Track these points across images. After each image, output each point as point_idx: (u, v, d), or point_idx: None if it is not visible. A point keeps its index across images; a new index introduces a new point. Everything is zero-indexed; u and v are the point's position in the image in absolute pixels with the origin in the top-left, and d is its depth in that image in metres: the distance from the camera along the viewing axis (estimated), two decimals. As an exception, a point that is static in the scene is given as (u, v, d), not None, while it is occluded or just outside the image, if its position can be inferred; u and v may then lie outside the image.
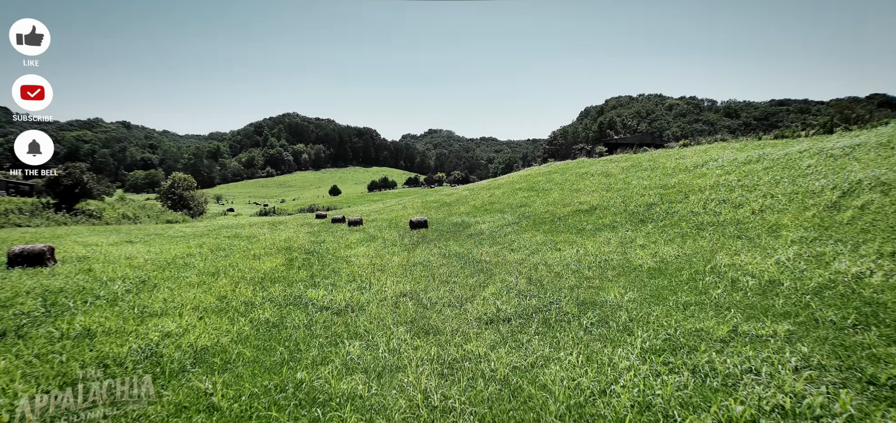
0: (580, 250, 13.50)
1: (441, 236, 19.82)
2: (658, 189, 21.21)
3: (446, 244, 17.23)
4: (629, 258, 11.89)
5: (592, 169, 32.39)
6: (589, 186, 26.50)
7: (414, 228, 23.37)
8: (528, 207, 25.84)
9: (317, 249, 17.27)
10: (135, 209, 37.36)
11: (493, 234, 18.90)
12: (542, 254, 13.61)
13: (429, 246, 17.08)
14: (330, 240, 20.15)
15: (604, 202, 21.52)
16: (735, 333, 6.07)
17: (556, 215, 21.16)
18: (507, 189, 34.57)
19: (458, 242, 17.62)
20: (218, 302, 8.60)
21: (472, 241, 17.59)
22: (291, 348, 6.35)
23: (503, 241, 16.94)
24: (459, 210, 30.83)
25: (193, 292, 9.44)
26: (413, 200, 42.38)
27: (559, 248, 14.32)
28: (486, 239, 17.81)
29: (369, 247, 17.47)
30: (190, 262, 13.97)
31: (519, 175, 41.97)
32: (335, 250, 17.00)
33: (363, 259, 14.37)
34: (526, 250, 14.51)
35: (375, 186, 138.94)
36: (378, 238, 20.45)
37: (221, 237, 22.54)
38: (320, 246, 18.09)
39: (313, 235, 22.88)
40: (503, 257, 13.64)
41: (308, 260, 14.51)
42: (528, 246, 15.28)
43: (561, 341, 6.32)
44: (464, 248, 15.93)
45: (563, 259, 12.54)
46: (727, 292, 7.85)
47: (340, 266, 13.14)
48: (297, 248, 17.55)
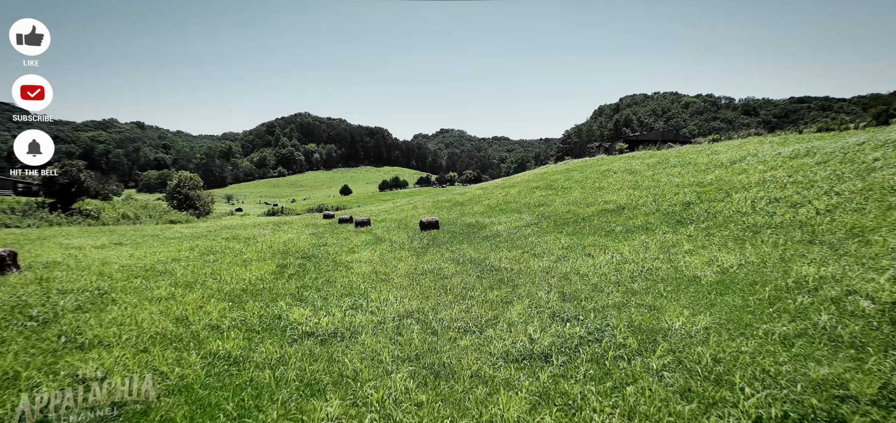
0: (615, 256, 11.55)
1: (454, 238, 17.99)
2: (693, 187, 19.10)
3: (459, 248, 15.39)
4: (678, 267, 9.91)
5: (615, 166, 30.26)
6: (613, 184, 24.43)
7: (424, 229, 21.59)
8: (547, 206, 23.87)
9: (316, 253, 15.56)
10: (137, 209, 36.21)
11: (512, 236, 17.02)
12: (571, 261, 11.68)
13: (440, 250, 15.26)
14: (332, 242, 18.45)
15: (632, 201, 19.49)
16: (889, 390, 4.10)
17: (579, 216, 19.19)
18: (523, 188, 32.58)
19: (473, 245, 15.76)
20: (174, 326, 6.86)
21: (489, 244, 15.72)
22: (246, 404, 4.55)
23: (524, 244, 15.04)
24: (473, 210, 28.96)
25: (151, 310, 7.73)
26: (424, 200, 40.61)
27: (590, 253, 12.39)
28: (503, 242, 15.93)
29: (374, 251, 15.71)
30: (170, 268, 12.36)
31: (535, 173, 39.92)
32: (336, 254, 15.27)
33: (365, 266, 12.59)
34: (551, 256, 12.60)
35: (387, 186, 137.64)
36: (385, 240, 18.71)
37: (218, 239, 21.03)
38: (320, 250, 16.38)
39: (316, 236, 21.24)
40: (526, 264, 11.75)
41: (303, 267, 12.79)
42: (552, 251, 13.36)
43: (632, 402, 4.40)
44: (479, 252, 14.07)
45: (598, 267, 10.61)
46: (838, 319, 5.86)
47: (338, 275, 11.38)
48: (295, 252, 15.87)
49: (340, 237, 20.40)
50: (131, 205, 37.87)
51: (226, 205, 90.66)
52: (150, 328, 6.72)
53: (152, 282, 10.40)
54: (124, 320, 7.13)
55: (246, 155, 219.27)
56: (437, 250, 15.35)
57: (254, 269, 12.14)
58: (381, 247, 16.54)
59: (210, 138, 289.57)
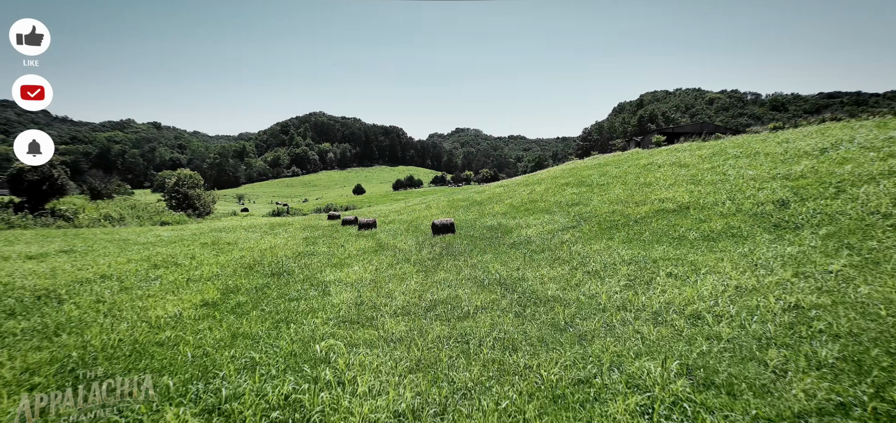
0: (724, 281, 7.71)
1: (473, 244, 14.33)
2: (780, 181, 15.02)
3: (481, 258, 11.71)
4: (872, 310, 6.01)
5: (657, 159, 26.14)
6: (664, 180, 20.42)
7: (437, 232, 17.97)
8: (584, 205, 20.02)
9: (293, 267, 12.07)
10: (124, 209, 33.42)
11: (547, 243, 13.27)
12: (653, 286, 7.92)
13: (455, 262, 11.61)
14: (323, 251, 14.97)
15: (696, 199, 15.52)
16: None
17: (629, 217, 15.34)
18: (550, 185, 28.70)
19: (499, 255, 12.07)
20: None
21: (520, 254, 12.00)
22: None
23: (567, 255, 11.28)
24: (493, 210, 25.22)
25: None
26: (438, 199, 36.97)
27: (673, 273, 8.60)
28: (539, 251, 12.19)
29: (370, 263, 12.13)
30: (75, 292, 9.00)
31: (561, 169, 35.91)
32: (318, 269, 11.74)
33: (349, 293, 9.01)
34: (615, 275, 8.85)
35: (401, 185, 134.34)
36: (388, 248, 15.14)
37: (191, 245, 17.81)
38: (302, 262, 12.89)
39: (308, 242, 17.81)
40: (585, 290, 8.03)
41: (262, 292, 9.29)
42: (613, 266, 9.60)
43: None
44: (509, 267, 10.39)
45: (707, 302, 6.82)
46: None
47: (301, 311, 7.83)
48: (268, 265, 12.42)
49: (335, 243, 16.92)
50: (118, 205, 35.10)
51: (233, 205, 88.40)
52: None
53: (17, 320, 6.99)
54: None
55: (260, 155, 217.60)
56: (453, 261, 11.70)
57: (187, 297, 8.64)
58: (381, 258, 12.95)
59: (226, 139, 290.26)
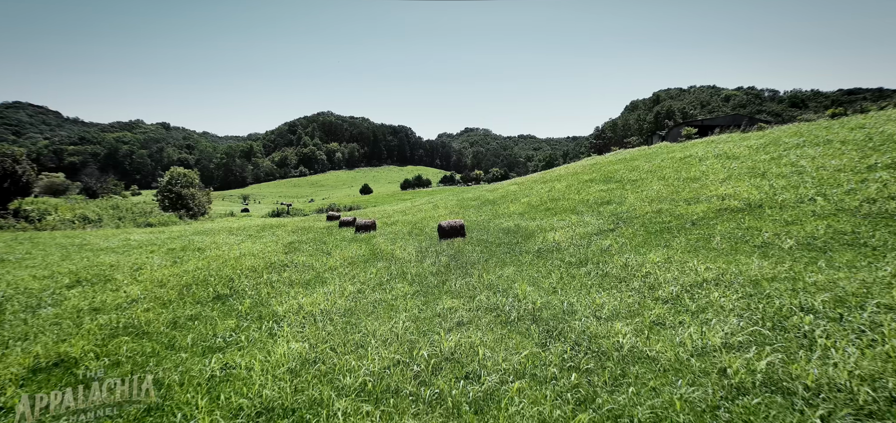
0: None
1: (488, 252, 11.38)
2: (880, 171, 11.85)
3: (501, 273, 8.75)
4: None
5: (696, 152, 22.92)
6: (713, 174, 17.28)
7: (444, 236, 15.06)
8: (617, 204, 16.94)
9: (247, 287, 9.21)
10: (105, 210, 30.98)
11: (582, 250, 10.27)
12: (812, 341, 4.89)
13: (467, 277, 8.66)
14: (302, 260, 12.15)
15: (770, 195, 12.43)
16: None
17: (682, 217, 12.31)
18: (572, 182, 25.60)
19: (524, 267, 9.11)
20: None
21: (552, 267, 9.03)
22: None
23: (620, 270, 8.31)
24: (509, 209, 22.21)
25: None
26: (446, 198, 34.00)
27: (812, 308, 5.56)
28: (576, 263, 9.22)
29: (355, 279, 9.24)
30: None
31: (581, 165, 32.74)
32: (280, 289, 8.89)
33: (299, 344, 6.12)
34: (712, 308, 5.86)
35: (409, 185, 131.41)
36: (383, 256, 12.26)
37: (156, 252, 15.13)
38: (268, 275, 10.06)
39: (290, 249, 14.99)
40: (681, 339, 5.06)
41: (180, 329, 6.46)
42: (697, 289, 6.61)
43: None
44: (542, 288, 7.45)
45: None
46: None
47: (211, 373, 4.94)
48: (219, 282, 9.58)
49: (321, 251, 14.05)
50: (99, 205, 32.66)
51: (237, 205, 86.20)
52: None
53: None
54: None
55: (267, 155, 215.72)
56: (463, 278, 8.74)
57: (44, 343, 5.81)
58: (370, 272, 10.03)
59: (235, 139, 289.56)
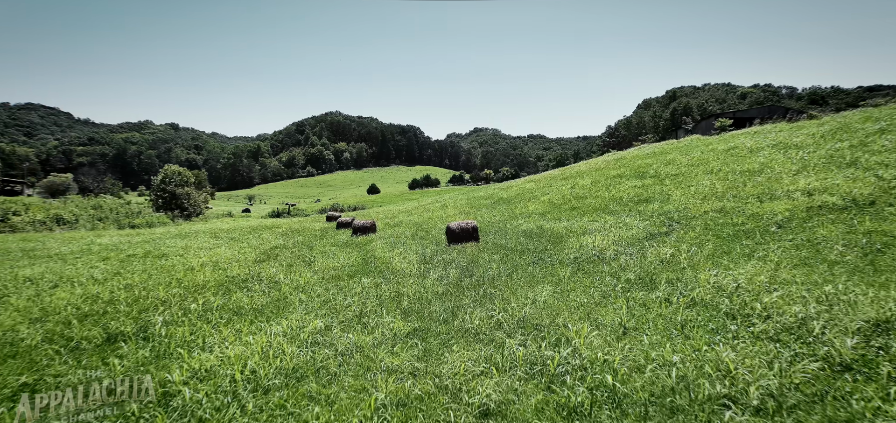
0: None
1: (510, 262, 8.71)
2: None
3: (533, 297, 6.05)
4: None
5: (743, 143, 19.96)
6: (779, 166, 14.38)
7: (454, 240, 12.41)
8: (660, 202, 14.14)
9: (166, 320, 6.59)
10: (85, 210, 28.86)
11: (638, 262, 7.61)
12: None
13: (487, 308, 6.01)
14: (272, 272, 9.60)
15: (881, 189, 9.57)
16: None
17: (762, 218, 9.59)
18: (597, 177, 22.76)
19: (565, 289, 6.42)
20: None
21: (608, 289, 6.38)
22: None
23: (712, 294, 5.60)
24: (527, 209, 19.45)
25: None
26: (455, 198, 31.33)
27: None
28: (640, 284, 6.54)
29: (327, 307, 6.65)
30: None
31: (605, 160, 29.82)
32: (216, 324, 6.26)
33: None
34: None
35: (417, 185, 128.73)
36: (376, 269, 9.66)
37: (111, 259, 12.71)
38: (213, 298, 7.50)
39: (267, 257, 12.47)
40: None
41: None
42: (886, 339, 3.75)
43: None
44: (610, 331, 4.80)
45: None
46: None
47: None
48: (127, 312, 7.02)
49: (302, 259, 11.46)
50: (78, 205, 30.54)
51: (240, 205, 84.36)
52: None
53: None
54: None
55: (275, 155, 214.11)
56: (481, 307, 6.06)
57: None
58: (351, 296, 7.37)
59: (244, 139, 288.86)
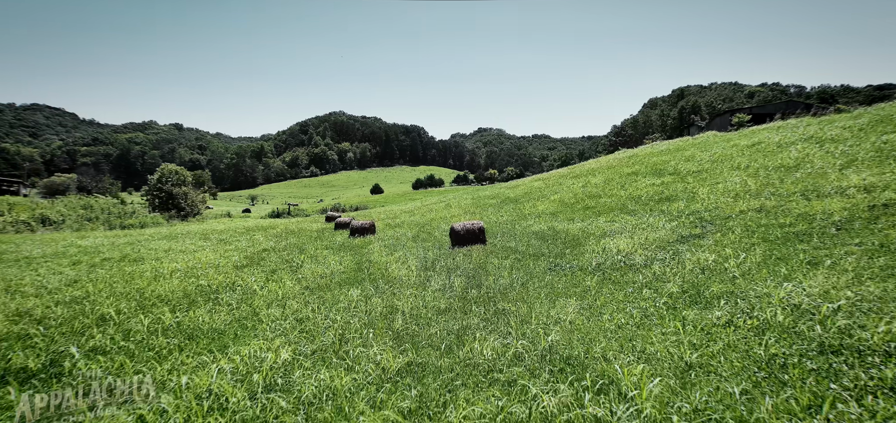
0: None
1: (522, 268, 7.55)
2: None
3: (556, 316, 4.80)
4: None
5: (769, 138, 18.66)
6: (820, 161, 13.10)
7: (459, 242, 11.25)
8: (685, 200, 12.90)
9: (95, 346, 5.38)
10: (74, 210, 27.93)
11: (676, 270, 6.43)
12: None
13: (502, 332, 4.71)
14: (250, 282, 8.40)
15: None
16: None
17: (813, 218, 8.36)
18: (610, 175, 21.49)
19: (594, 303, 5.20)
20: None
21: (647, 304, 5.17)
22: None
23: (791, 319, 4.26)
24: (537, 208, 18.24)
25: None
26: (460, 197, 30.16)
27: None
28: (685, 298, 5.32)
29: (301, 330, 5.43)
30: None
31: (617, 158, 28.54)
32: (160, 352, 5.08)
33: None
34: None
35: (421, 185, 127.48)
36: (369, 277, 8.51)
37: (82, 264, 11.64)
38: (169, 317, 6.30)
39: (252, 261, 11.37)
40: None
41: None
42: None
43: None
44: (674, 371, 3.51)
45: None
46: None
47: None
48: (40, 340, 5.77)
49: (289, 264, 10.32)
50: (66, 205, 29.60)
51: (241, 205, 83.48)
52: None
53: None
54: None
55: (279, 155, 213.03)
56: (493, 330, 4.77)
57: None
58: (335, 312, 6.19)
59: (249, 140, 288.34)
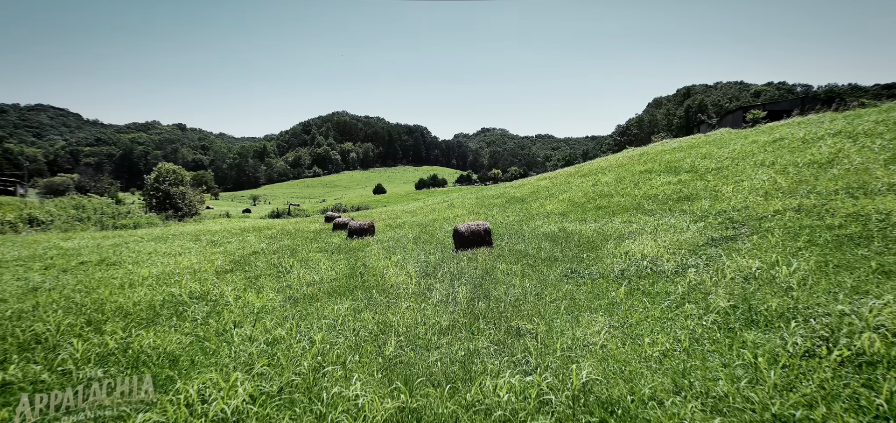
0: None
1: (536, 275, 6.58)
2: None
3: (583, 338, 3.77)
4: None
5: (794, 134, 17.55)
6: (859, 156, 12.05)
7: (463, 245, 10.23)
8: (708, 200, 11.86)
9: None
10: (66, 210, 27.11)
11: (718, 281, 5.22)
12: None
13: (519, 362, 3.60)
14: (226, 292, 7.38)
15: None
16: None
17: (870, 220, 7.11)
18: (622, 173, 20.42)
19: (625, 320, 4.08)
20: None
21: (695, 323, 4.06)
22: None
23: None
24: (545, 208, 17.19)
25: None
26: (463, 197, 29.15)
27: None
28: (742, 318, 4.25)
29: (271, 356, 4.39)
30: None
31: (628, 155, 27.44)
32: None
33: None
34: None
35: (424, 185, 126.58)
36: (362, 284, 7.51)
37: (52, 269, 10.69)
38: (114, 336, 5.23)
39: (238, 265, 10.41)
40: None
41: None
42: None
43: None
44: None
45: None
46: None
47: None
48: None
49: (278, 269, 9.32)
50: (56, 205, 28.78)
51: (243, 205, 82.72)
52: None
53: None
54: None
55: (281, 155, 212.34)
56: (509, 360, 3.69)
57: None
58: (316, 329, 5.10)
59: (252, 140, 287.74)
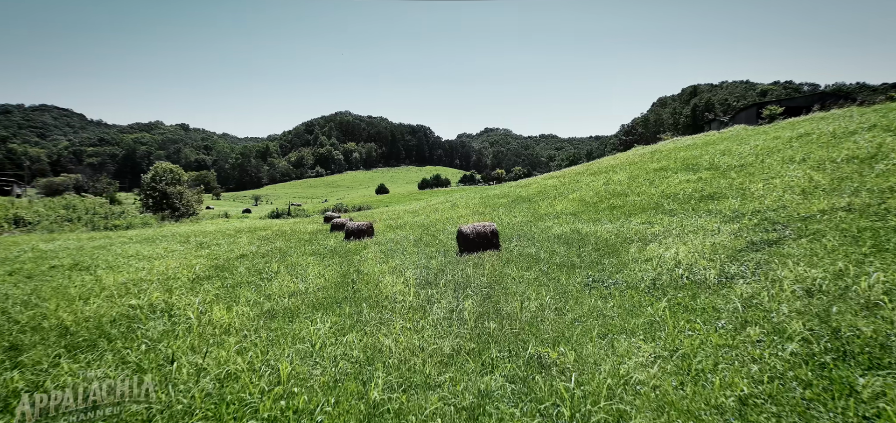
0: None
1: (553, 285, 5.44)
2: None
3: (635, 385, 2.60)
4: None
5: (816, 129, 16.42)
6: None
7: (468, 248, 9.21)
8: (736, 198, 10.81)
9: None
10: (55, 210, 26.33)
11: (779, 296, 4.07)
12: None
13: (537, 410, 2.55)
14: (194, 300, 6.32)
15: None
16: None
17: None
18: (635, 172, 19.34)
19: (675, 349, 2.94)
20: None
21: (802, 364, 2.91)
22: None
23: None
24: (554, 208, 16.12)
25: None
26: (467, 197, 28.12)
27: None
28: (859, 359, 3.04)
29: (208, 413, 3.23)
30: None
31: (639, 153, 26.33)
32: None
33: None
34: None
35: (427, 185, 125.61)
36: (354, 296, 6.46)
37: (18, 273, 9.68)
38: (53, 360, 4.13)
39: (219, 271, 9.40)
40: None
41: None
42: None
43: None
44: None
45: None
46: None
47: None
48: None
49: (262, 274, 8.27)
50: (46, 205, 28.02)
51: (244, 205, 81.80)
52: None
53: None
54: None
55: (284, 155, 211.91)
56: (534, 408, 2.59)
57: None
58: (292, 354, 3.97)
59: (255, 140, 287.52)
